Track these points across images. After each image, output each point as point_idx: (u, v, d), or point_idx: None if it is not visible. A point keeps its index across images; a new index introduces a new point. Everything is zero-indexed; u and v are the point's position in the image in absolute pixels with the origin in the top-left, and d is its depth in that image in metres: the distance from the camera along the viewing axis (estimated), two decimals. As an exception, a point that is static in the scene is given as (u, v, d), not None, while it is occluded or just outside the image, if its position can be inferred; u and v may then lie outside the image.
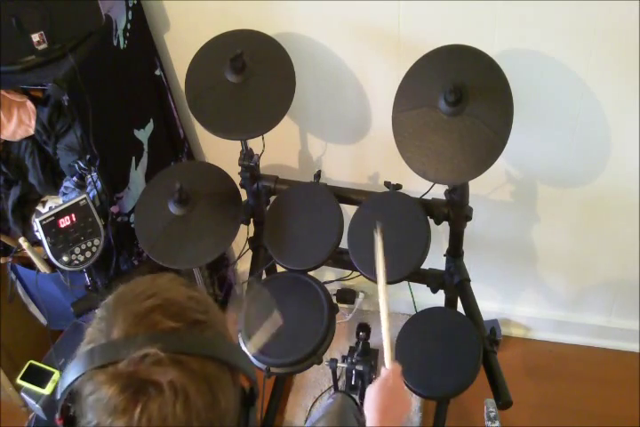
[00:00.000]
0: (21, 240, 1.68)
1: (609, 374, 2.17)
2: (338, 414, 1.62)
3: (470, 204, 1.62)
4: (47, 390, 1.79)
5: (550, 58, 1.55)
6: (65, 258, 1.59)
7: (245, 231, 1.83)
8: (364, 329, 2.23)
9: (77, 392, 0.68)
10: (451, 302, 1.85)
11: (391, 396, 1.15)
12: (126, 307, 0.70)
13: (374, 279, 1.57)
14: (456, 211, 1.60)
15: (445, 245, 1.74)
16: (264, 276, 1.92)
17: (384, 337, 1.22)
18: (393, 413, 1.14)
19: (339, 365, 1.91)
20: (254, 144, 1.71)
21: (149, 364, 0.64)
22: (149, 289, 0.73)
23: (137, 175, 1.77)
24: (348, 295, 2.23)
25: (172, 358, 0.65)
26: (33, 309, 2.09)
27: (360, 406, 1.88)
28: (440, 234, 1.90)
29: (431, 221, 1.59)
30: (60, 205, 1.60)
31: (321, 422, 1.56)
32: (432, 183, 1.57)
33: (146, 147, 1.81)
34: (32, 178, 1.76)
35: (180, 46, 1.84)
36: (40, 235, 1.58)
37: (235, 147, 1.71)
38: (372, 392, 1.16)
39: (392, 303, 2.37)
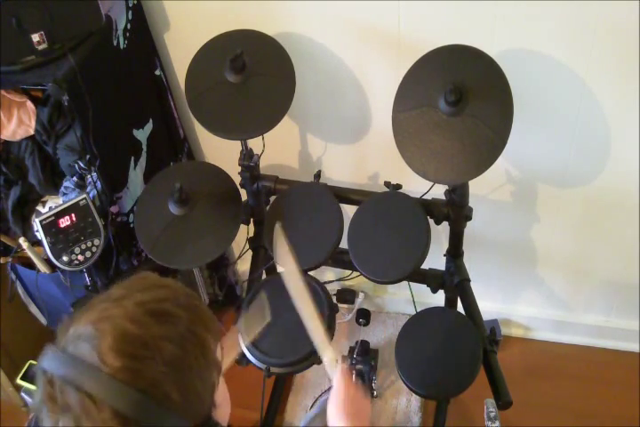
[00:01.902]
0: (21, 240, 1.68)
1: (609, 374, 2.17)
2: None
3: (470, 204, 1.61)
4: (47, 390, 1.78)
5: (550, 58, 1.55)
6: (65, 258, 1.59)
7: (245, 231, 1.83)
8: (365, 316, 2.23)
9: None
10: (451, 302, 1.85)
11: (353, 405, 1.10)
12: (81, 319, 0.72)
13: (374, 279, 1.58)
14: (456, 211, 1.60)
15: (445, 245, 1.74)
16: (264, 276, 1.92)
17: (319, 340, 1.18)
18: (359, 419, 1.09)
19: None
20: (254, 144, 1.71)
21: (60, 392, 0.68)
22: (105, 311, 0.72)
23: (135, 175, 1.77)
24: (348, 295, 2.23)
25: (80, 397, 0.67)
26: (33, 309, 2.09)
27: None
28: (440, 234, 1.90)
29: (431, 221, 1.59)
30: (60, 205, 1.60)
31: (317, 420, 1.56)
32: (432, 183, 1.57)
33: (144, 147, 1.81)
34: (32, 178, 1.76)
35: (180, 46, 1.84)
36: (40, 235, 1.58)
37: (235, 147, 1.71)
38: (332, 407, 1.10)
39: (392, 303, 2.40)
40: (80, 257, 1.61)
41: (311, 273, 1.68)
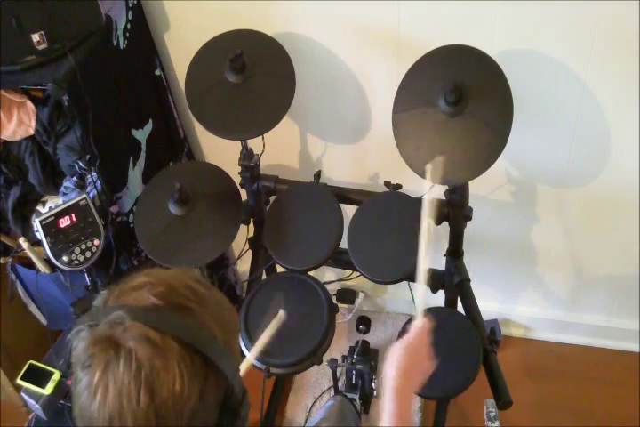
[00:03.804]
0: (21, 240, 1.68)
1: (609, 374, 2.17)
2: (338, 418, 1.62)
3: (470, 204, 1.62)
4: (47, 390, 1.78)
5: (550, 58, 1.55)
6: (65, 258, 1.59)
7: (245, 231, 1.83)
8: (365, 323, 2.23)
9: (70, 346, 0.73)
10: (451, 302, 1.85)
11: (413, 356, 1.11)
12: (124, 283, 0.75)
13: (374, 279, 1.58)
14: (456, 211, 1.60)
15: (445, 245, 1.74)
16: (264, 276, 1.92)
17: (419, 290, 1.21)
18: (412, 373, 1.10)
19: (339, 365, 1.91)
20: (254, 144, 1.71)
21: (121, 330, 0.68)
22: (151, 271, 0.76)
23: (134, 175, 1.77)
24: (347, 295, 2.23)
25: (139, 329, 0.68)
26: (33, 309, 2.08)
27: (358, 412, 1.88)
28: (440, 234, 1.89)
29: (431, 222, 1.59)
30: (60, 205, 1.60)
31: (324, 423, 1.57)
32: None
33: (144, 147, 1.81)
34: (32, 178, 1.76)
35: (180, 46, 1.84)
36: (40, 235, 1.58)
37: (235, 147, 1.71)
38: (394, 351, 1.11)
39: (392, 303, 2.40)
40: (80, 257, 1.61)
41: (311, 273, 1.68)
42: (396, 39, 1.63)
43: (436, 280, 1.77)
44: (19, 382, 1.81)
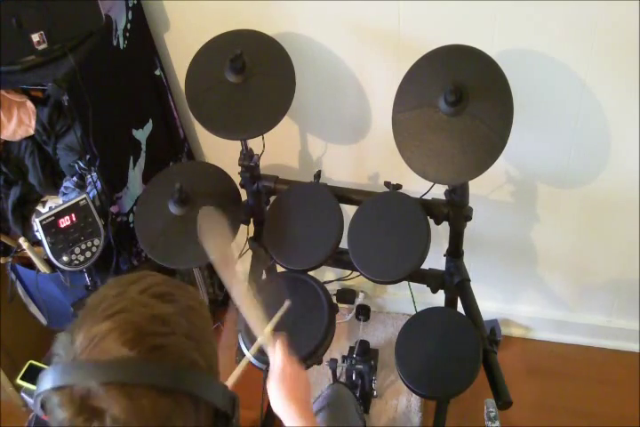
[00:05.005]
0: (21, 240, 1.68)
1: (609, 374, 2.17)
2: (337, 406, 1.62)
3: (470, 204, 1.61)
4: (47, 390, 1.78)
5: (550, 58, 1.56)
6: (65, 258, 1.59)
7: (245, 231, 1.83)
8: (364, 312, 2.21)
9: (44, 405, 0.70)
10: (451, 302, 1.85)
11: (293, 382, 1.14)
12: (86, 325, 0.70)
13: (374, 279, 1.58)
14: (456, 211, 1.60)
15: (445, 245, 1.74)
16: (264, 276, 1.92)
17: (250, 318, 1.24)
18: (303, 400, 1.13)
19: (339, 365, 1.91)
20: (254, 144, 1.71)
21: (99, 393, 0.65)
22: (112, 306, 0.71)
23: (134, 175, 1.77)
24: (347, 295, 2.23)
25: (119, 391, 0.65)
26: (33, 309, 2.09)
27: (358, 397, 1.88)
28: (440, 234, 1.90)
29: (431, 221, 1.59)
30: (60, 205, 1.60)
31: (320, 414, 1.56)
32: (432, 183, 1.57)
33: (144, 147, 1.81)
34: (32, 178, 1.76)
35: (180, 46, 1.84)
36: (40, 235, 1.59)
37: (235, 147, 1.71)
38: (273, 390, 1.14)
39: (392, 303, 2.40)
40: (80, 257, 1.61)
41: (311, 273, 1.68)
42: (396, 39, 1.63)
43: (435, 280, 1.77)
44: (19, 382, 1.81)
